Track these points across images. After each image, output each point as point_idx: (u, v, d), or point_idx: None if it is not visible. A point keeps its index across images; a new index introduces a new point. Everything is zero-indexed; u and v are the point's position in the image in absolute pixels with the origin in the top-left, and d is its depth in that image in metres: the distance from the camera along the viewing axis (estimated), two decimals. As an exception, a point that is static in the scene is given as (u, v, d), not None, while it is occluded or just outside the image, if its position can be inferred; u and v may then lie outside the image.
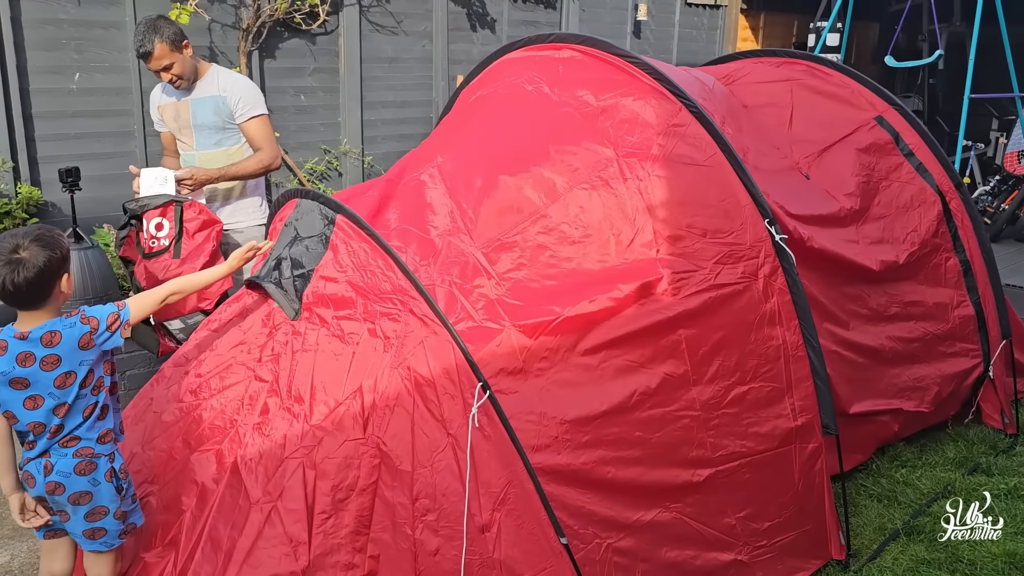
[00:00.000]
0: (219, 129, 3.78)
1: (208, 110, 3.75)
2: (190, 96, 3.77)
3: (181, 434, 2.68)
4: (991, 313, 3.94)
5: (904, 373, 3.58)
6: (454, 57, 6.58)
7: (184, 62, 3.66)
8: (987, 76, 7.42)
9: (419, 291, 2.56)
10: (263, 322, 2.83)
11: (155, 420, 2.74)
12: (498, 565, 2.35)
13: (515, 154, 2.99)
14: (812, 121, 3.73)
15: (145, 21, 3.60)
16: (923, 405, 3.63)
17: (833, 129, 3.73)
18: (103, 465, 2.36)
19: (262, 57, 5.57)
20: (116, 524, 2.40)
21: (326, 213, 2.85)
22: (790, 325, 2.90)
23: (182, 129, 3.84)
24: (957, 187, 3.93)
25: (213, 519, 2.46)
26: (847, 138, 3.70)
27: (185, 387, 2.76)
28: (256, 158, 3.79)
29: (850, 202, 3.51)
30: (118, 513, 2.39)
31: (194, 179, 3.62)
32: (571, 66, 3.22)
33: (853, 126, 3.79)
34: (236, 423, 2.62)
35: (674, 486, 2.65)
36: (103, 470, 2.36)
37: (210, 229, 3.42)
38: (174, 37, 3.59)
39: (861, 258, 3.41)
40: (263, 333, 2.78)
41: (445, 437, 2.41)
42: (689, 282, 2.74)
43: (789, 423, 2.89)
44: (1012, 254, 6.79)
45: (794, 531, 2.91)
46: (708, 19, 8.62)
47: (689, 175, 2.88)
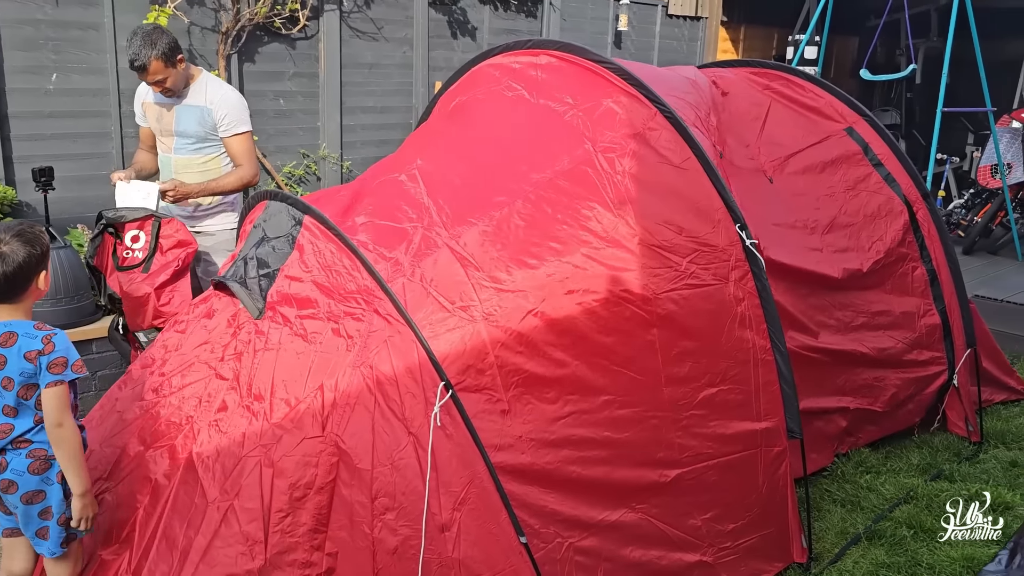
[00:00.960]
0: (200, 139, 3.79)
1: (192, 119, 3.76)
2: (176, 103, 3.78)
3: (137, 431, 2.67)
4: (956, 322, 3.99)
5: (865, 374, 3.63)
6: (434, 64, 6.61)
7: (177, 76, 3.67)
8: (962, 91, 7.55)
9: (384, 290, 2.57)
10: (228, 322, 2.83)
11: (117, 419, 2.74)
12: (457, 564, 2.36)
13: (495, 153, 3.02)
14: (783, 128, 3.79)
15: (141, 32, 3.57)
16: (877, 404, 3.68)
17: (802, 137, 3.80)
18: (56, 467, 2.34)
19: (241, 60, 5.58)
20: (59, 531, 2.37)
21: (294, 214, 2.87)
22: (759, 329, 2.93)
23: (163, 131, 3.85)
24: (924, 198, 4.00)
25: (168, 517, 2.45)
26: (815, 146, 3.77)
27: (148, 386, 2.76)
28: (236, 175, 3.81)
29: (813, 210, 3.56)
30: (61, 519, 2.37)
31: (177, 191, 3.63)
32: (549, 71, 3.25)
33: (823, 135, 3.86)
34: (192, 420, 2.60)
35: (641, 486, 2.68)
36: (56, 471, 2.34)
37: (183, 249, 3.42)
38: (168, 52, 3.58)
39: (823, 267, 3.46)
40: (227, 333, 2.78)
41: (406, 436, 2.42)
42: (664, 278, 2.78)
43: (755, 426, 2.92)
44: (984, 266, 6.89)
45: (758, 533, 2.94)
46: (688, 30, 8.70)
47: (664, 175, 2.92)
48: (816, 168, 3.73)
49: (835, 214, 3.66)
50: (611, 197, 2.86)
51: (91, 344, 4.09)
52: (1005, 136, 7.56)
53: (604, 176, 2.90)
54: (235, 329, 2.79)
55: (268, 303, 2.76)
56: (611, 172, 2.90)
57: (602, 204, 2.85)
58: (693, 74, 3.60)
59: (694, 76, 3.58)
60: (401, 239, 2.81)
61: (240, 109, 3.79)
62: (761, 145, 3.65)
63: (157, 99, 3.80)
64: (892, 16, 7.64)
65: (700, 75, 3.68)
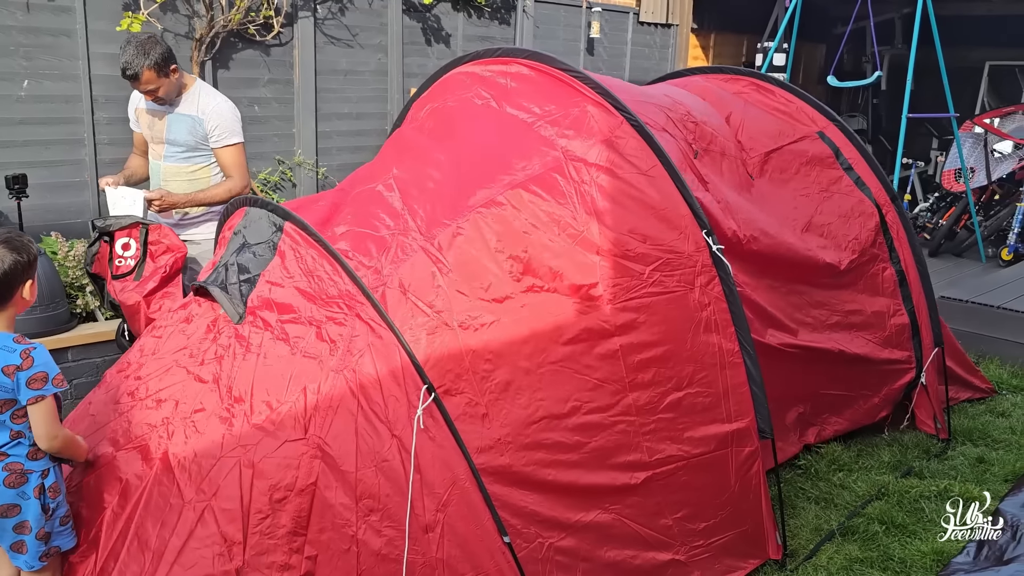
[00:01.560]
0: (191, 148, 3.79)
1: (183, 128, 3.76)
2: (169, 111, 3.77)
3: (109, 433, 2.66)
4: (924, 322, 4.09)
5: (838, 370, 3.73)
6: (409, 70, 6.64)
7: (170, 86, 3.67)
8: (926, 98, 7.71)
9: (366, 296, 2.60)
10: (208, 327, 2.84)
11: (90, 422, 2.73)
12: (441, 565, 2.39)
13: (467, 162, 3.06)
14: (758, 129, 3.87)
15: (135, 41, 3.56)
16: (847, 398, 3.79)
17: (778, 138, 3.88)
18: (33, 481, 2.33)
19: (215, 67, 5.57)
20: (37, 544, 2.36)
21: (275, 220, 2.89)
22: (726, 332, 2.99)
23: (154, 139, 3.86)
24: (893, 201, 4.10)
25: (140, 517, 2.44)
26: (791, 145, 3.86)
27: (123, 390, 2.75)
28: (225, 186, 3.80)
29: (792, 208, 3.65)
30: (40, 533, 2.35)
31: (163, 201, 3.63)
32: (519, 80, 3.30)
33: (797, 136, 3.95)
34: (168, 421, 2.60)
35: (612, 488, 2.72)
36: (33, 485, 2.33)
37: (171, 255, 3.42)
38: (161, 62, 3.57)
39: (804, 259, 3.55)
40: (207, 337, 2.79)
41: (390, 438, 2.45)
42: (627, 287, 2.82)
43: (725, 427, 2.97)
44: (950, 268, 7.04)
45: (731, 531, 2.99)
46: (660, 38, 8.80)
47: (631, 182, 2.97)
48: (792, 168, 3.82)
49: (812, 213, 3.75)
50: (578, 205, 2.91)
51: (67, 352, 4.06)
52: (968, 141, 7.75)
53: (572, 184, 2.94)
54: (215, 334, 2.79)
55: (249, 308, 2.77)
56: (579, 181, 2.95)
57: (570, 212, 2.89)
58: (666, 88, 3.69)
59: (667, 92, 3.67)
60: (380, 247, 2.84)
61: (232, 120, 3.80)
62: (741, 143, 3.73)
63: (149, 106, 3.80)
64: (858, 24, 7.79)
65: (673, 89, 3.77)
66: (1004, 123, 7.88)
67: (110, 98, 5.15)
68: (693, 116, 3.49)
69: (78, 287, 4.29)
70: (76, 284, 4.27)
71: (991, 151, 7.68)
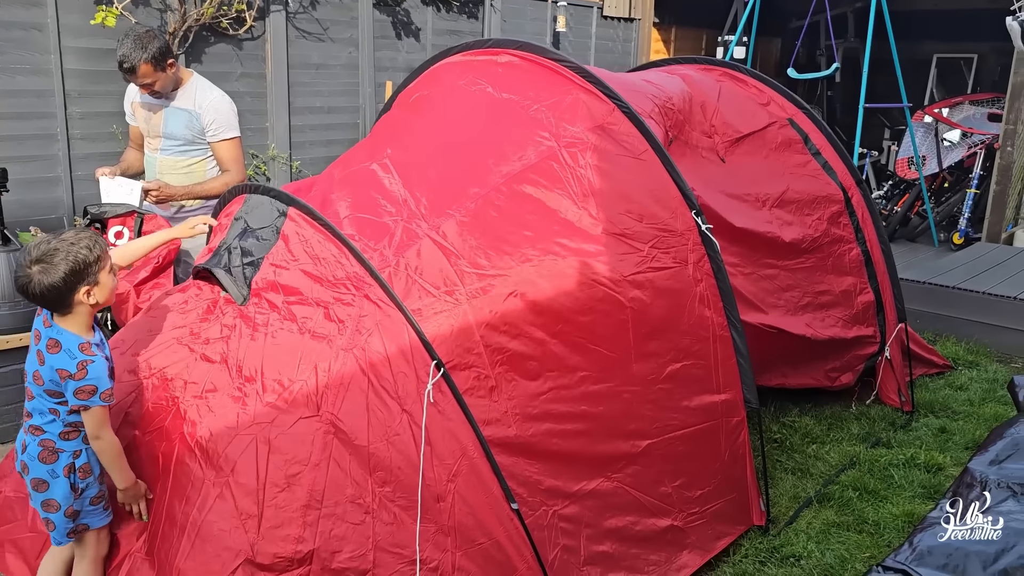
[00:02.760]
0: (187, 142, 3.80)
1: (180, 123, 3.77)
2: (165, 105, 3.77)
3: (123, 413, 2.69)
4: (888, 299, 4.31)
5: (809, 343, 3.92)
6: (380, 64, 6.69)
7: (166, 80, 3.68)
8: (879, 89, 7.99)
9: (373, 276, 2.67)
10: (208, 307, 2.87)
11: None
12: (453, 532, 2.49)
13: (464, 147, 3.14)
14: (731, 112, 4.03)
15: (133, 35, 3.56)
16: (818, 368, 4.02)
17: (751, 121, 4.05)
18: (64, 460, 2.39)
19: (188, 61, 5.56)
20: (64, 522, 2.41)
21: (278, 206, 2.94)
22: (716, 308, 3.14)
23: (151, 132, 3.86)
24: (858, 184, 4.30)
25: (170, 497, 2.51)
26: (763, 131, 4.03)
27: (123, 367, 2.78)
28: (222, 180, 3.81)
29: (762, 186, 3.82)
30: (69, 511, 2.41)
31: (160, 192, 3.64)
32: (510, 69, 3.40)
33: (769, 121, 4.13)
34: (179, 401, 2.64)
35: (615, 457, 2.85)
36: (63, 464, 2.39)
37: (165, 246, 3.43)
38: (159, 56, 3.58)
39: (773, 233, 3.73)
40: (209, 317, 2.83)
41: (400, 413, 2.53)
42: (629, 262, 2.95)
43: (716, 398, 3.13)
44: (905, 252, 7.32)
45: (722, 499, 3.15)
46: (623, 32, 8.97)
47: (625, 165, 3.09)
48: (763, 151, 4.00)
49: (783, 190, 3.94)
50: (575, 189, 3.02)
51: (52, 346, 4.04)
52: (919, 130, 8.06)
53: (568, 170, 3.06)
54: (217, 314, 2.83)
55: (253, 290, 2.81)
56: (574, 166, 3.06)
57: (568, 196, 3.01)
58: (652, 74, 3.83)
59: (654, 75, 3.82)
60: (383, 233, 2.91)
61: (229, 114, 3.81)
62: (716, 126, 3.88)
63: (145, 100, 3.80)
64: (814, 18, 8.05)
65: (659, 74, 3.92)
66: (953, 113, 8.22)
67: (83, 92, 5.12)
68: (673, 102, 3.63)
69: (60, 281, 4.27)
70: (58, 278, 4.26)
71: (941, 140, 8.00)
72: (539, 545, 2.59)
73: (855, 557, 3.14)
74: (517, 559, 2.55)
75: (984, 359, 5.28)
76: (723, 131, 3.90)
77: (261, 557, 2.38)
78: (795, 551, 3.17)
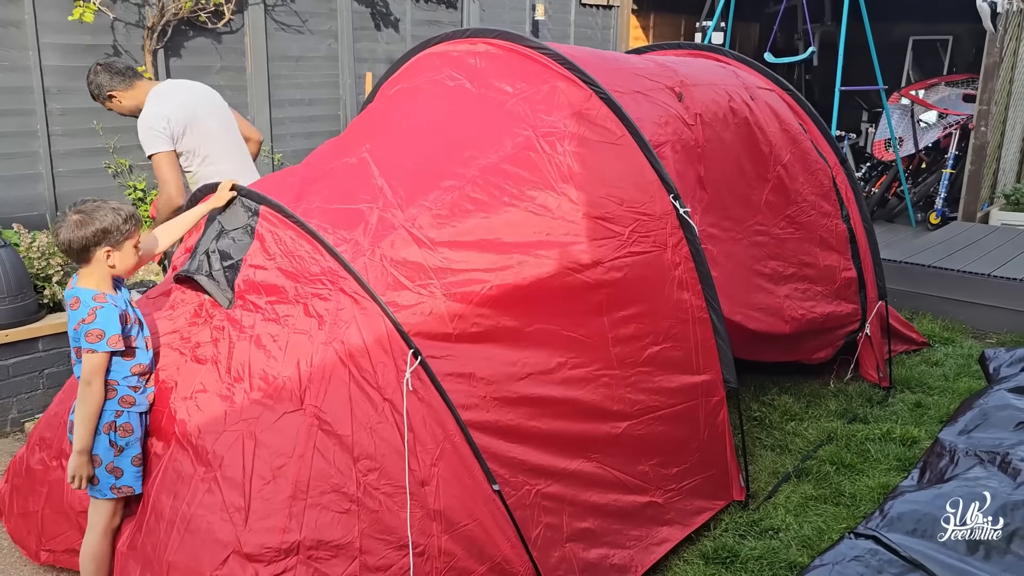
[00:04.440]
0: None
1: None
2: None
3: None
4: (870, 277, 4.40)
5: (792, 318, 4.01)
6: (359, 56, 6.71)
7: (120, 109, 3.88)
8: (856, 72, 8.06)
9: (347, 270, 2.71)
10: (194, 312, 2.92)
11: None
12: (438, 516, 2.55)
13: (441, 139, 3.18)
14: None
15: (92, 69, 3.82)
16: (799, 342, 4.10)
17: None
18: (106, 417, 2.54)
19: (168, 56, 5.57)
20: (107, 476, 2.56)
21: (249, 205, 2.96)
22: (695, 290, 3.21)
23: None
24: (842, 163, 4.39)
25: (156, 491, 2.57)
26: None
27: None
28: (161, 201, 3.79)
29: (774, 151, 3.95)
30: (110, 466, 2.55)
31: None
32: (488, 59, 3.43)
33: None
34: (170, 401, 2.70)
35: (594, 438, 2.91)
36: (104, 421, 2.54)
37: None
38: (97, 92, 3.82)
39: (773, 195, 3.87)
40: (197, 322, 2.88)
41: (381, 402, 2.58)
42: (609, 247, 3.01)
43: (695, 379, 3.19)
44: (883, 232, 7.40)
45: (700, 476, 3.22)
46: (602, 19, 9.02)
47: (602, 152, 3.14)
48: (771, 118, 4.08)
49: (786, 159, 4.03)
50: (554, 177, 3.07)
51: (38, 342, 4.08)
52: (896, 112, 8.14)
53: (546, 158, 3.10)
54: (205, 318, 2.88)
55: (236, 292, 2.85)
56: (552, 154, 3.11)
57: (546, 184, 3.05)
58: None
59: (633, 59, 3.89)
60: (358, 220, 2.94)
61: (144, 133, 3.76)
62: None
63: None
64: (791, 2, 8.11)
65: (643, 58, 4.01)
66: (929, 94, 8.31)
67: (62, 88, 5.13)
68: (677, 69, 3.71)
69: (44, 278, 4.30)
70: (42, 275, 4.28)
71: (918, 121, 8.09)
72: (522, 524, 2.65)
73: (832, 528, 3.23)
74: (501, 539, 2.61)
75: (960, 335, 5.39)
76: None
77: (249, 548, 2.44)
78: (774, 524, 3.25)
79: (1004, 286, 5.49)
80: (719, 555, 3.07)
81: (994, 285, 5.53)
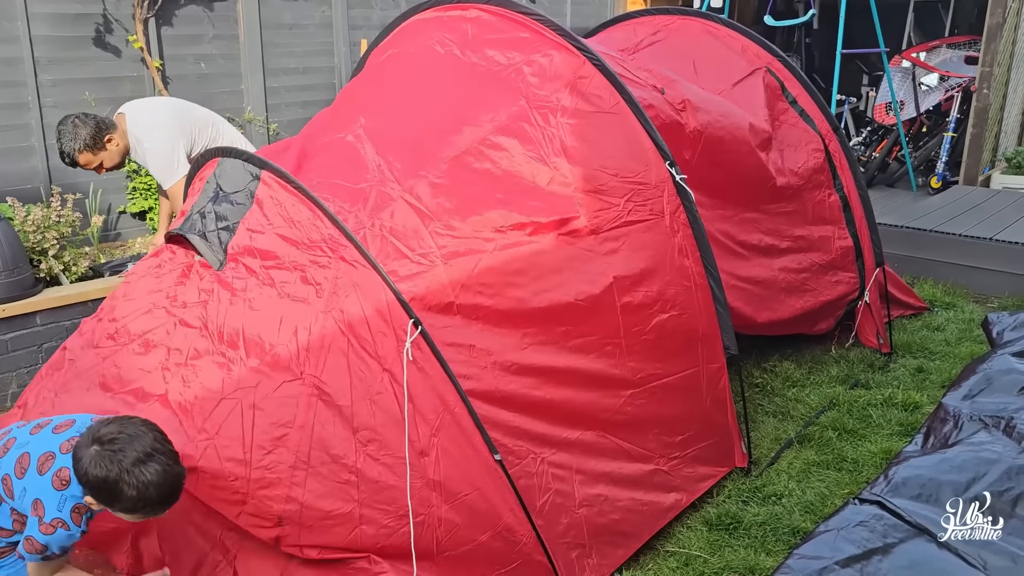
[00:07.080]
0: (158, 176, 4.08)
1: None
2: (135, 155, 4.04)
3: (98, 378, 2.70)
4: (867, 244, 4.36)
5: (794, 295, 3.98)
6: (354, 23, 6.60)
7: (112, 154, 3.91)
8: (857, 35, 7.95)
9: (348, 237, 2.68)
10: (183, 272, 2.88)
11: (68, 367, 2.77)
12: (438, 486, 2.54)
13: (435, 109, 3.14)
14: (714, 64, 4.04)
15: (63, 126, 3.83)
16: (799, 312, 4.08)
17: (733, 72, 4.06)
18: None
19: (159, 24, 5.47)
20: None
21: (250, 170, 2.93)
22: (694, 257, 3.18)
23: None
24: (835, 131, 4.33)
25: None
26: (744, 80, 4.04)
27: (101, 333, 2.78)
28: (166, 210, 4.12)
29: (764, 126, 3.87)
30: None
31: None
32: (479, 26, 3.37)
33: (749, 70, 4.13)
34: (161, 365, 2.65)
35: (599, 407, 2.89)
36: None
37: None
38: (92, 141, 3.82)
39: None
40: (185, 282, 2.83)
41: (381, 372, 2.56)
42: (606, 218, 2.97)
43: (698, 346, 3.17)
44: (883, 197, 7.36)
45: (704, 443, 3.22)
46: (599, -17, 8.87)
47: (596, 122, 3.09)
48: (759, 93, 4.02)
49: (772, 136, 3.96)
50: (547, 149, 3.02)
51: (35, 316, 4.05)
52: (897, 75, 8.04)
53: (539, 130, 3.06)
54: (194, 277, 2.83)
55: (229, 255, 2.81)
56: (545, 125, 3.06)
57: (540, 157, 3.01)
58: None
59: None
60: (358, 198, 2.91)
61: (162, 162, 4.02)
62: (699, 80, 3.89)
63: None
64: (791, -36, 7.97)
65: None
66: (930, 57, 8.20)
67: (53, 59, 5.05)
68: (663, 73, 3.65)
69: (40, 252, 4.26)
70: (38, 249, 4.24)
71: (919, 84, 7.99)
72: (529, 492, 2.64)
73: (834, 494, 3.23)
74: (503, 508, 2.60)
75: (961, 300, 5.37)
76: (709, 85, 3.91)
77: (249, 520, 2.42)
78: (776, 490, 3.25)
79: (1006, 250, 5.45)
80: (722, 521, 3.07)
81: (996, 249, 5.49)
